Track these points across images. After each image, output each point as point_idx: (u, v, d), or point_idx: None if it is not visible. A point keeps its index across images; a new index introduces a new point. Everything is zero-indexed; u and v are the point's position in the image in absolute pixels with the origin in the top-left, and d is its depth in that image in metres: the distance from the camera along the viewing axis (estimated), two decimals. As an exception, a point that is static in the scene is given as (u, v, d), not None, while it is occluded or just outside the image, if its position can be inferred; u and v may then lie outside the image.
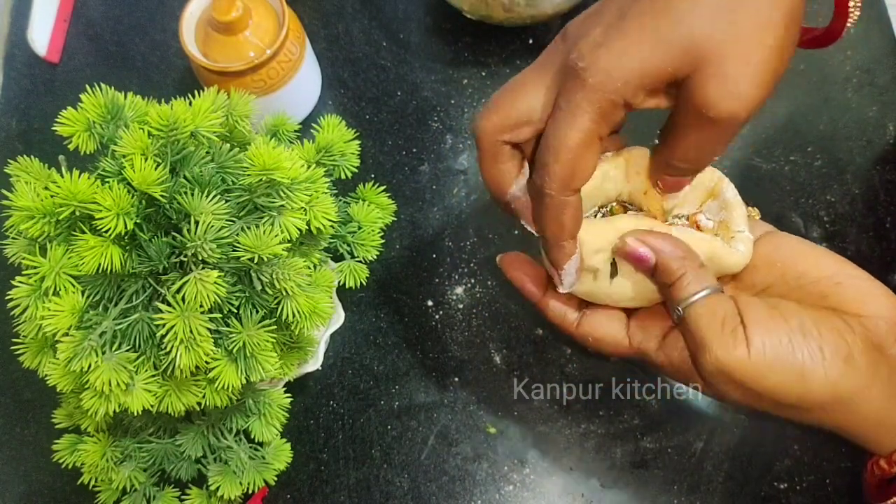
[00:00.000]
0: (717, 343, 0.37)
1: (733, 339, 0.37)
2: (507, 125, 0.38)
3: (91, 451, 0.45)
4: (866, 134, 0.57)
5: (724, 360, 0.36)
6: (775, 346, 0.36)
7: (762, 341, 0.36)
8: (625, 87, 0.34)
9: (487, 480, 0.51)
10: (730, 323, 0.37)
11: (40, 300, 0.37)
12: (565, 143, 0.36)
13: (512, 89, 0.38)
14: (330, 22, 0.65)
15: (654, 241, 0.39)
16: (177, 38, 0.54)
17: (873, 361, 0.37)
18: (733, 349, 0.36)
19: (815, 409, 0.37)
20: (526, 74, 0.38)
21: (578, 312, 0.44)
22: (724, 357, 0.36)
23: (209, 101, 0.39)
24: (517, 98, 0.38)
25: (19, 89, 0.66)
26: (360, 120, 0.61)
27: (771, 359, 0.36)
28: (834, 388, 0.36)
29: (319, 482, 0.52)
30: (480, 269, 0.56)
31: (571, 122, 0.35)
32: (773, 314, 0.37)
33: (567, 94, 0.35)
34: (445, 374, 0.54)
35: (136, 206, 0.37)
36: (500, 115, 0.38)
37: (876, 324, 0.38)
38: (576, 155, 0.36)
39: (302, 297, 0.39)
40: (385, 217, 0.52)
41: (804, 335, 0.37)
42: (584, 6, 0.61)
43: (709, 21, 0.33)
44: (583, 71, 0.34)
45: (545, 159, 0.37)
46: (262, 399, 0.48)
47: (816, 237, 0.54)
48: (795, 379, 0.36)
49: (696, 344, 0.38)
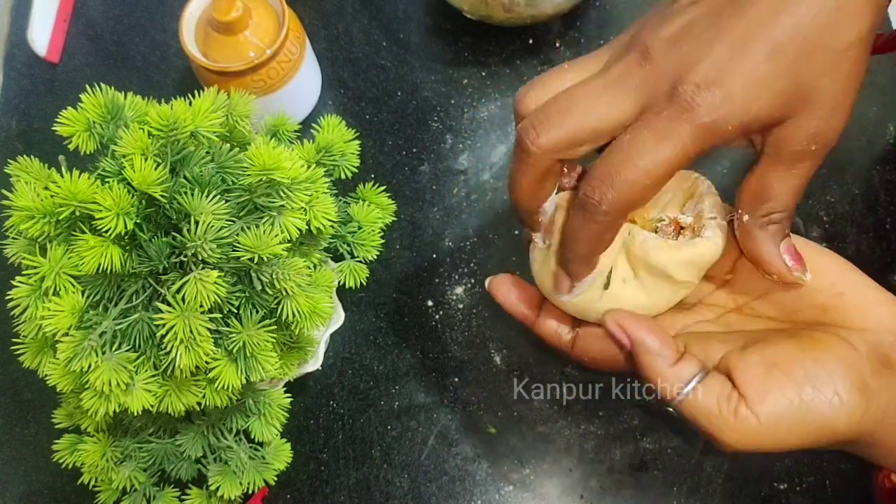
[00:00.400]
0: (724, 430, 0.35)
1: (737, 418, 0.35)
2: (571, 144, 0.35)
3: (91, 451, 0.45)
4: (866, 134, 0.57)
5: (738, 441, 0.35)
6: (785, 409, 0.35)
7: (769, 410, 0.35)
8: (734, 129, 0.33)
9: (487, 480, 0.51)
10: (728, 403, 0.36)
11: (40, 300, 0.37)
12: (649, 172, 0.33)
13: (578, 104, 0.35)
14: (330, 22, 0.65)
15: (631, 327, 0.38)
16: (177, 38, 0.54)
17: (885, 380, 0.36)
18: (742, 427, 0.35)
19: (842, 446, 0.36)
20: (594, 89, 0.35)
21: (572, 331, 0.42)
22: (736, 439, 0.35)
23: (209, 101, 0.39)
24: (587, 116, 0.35)
25: (19, 89, 0.66)
26: (360, 120, 0.61)
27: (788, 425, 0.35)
28: (859, 425, 0.35)
29: (319, 482, 0.52)
30: (480, 269, 0.56)
31: (664, 154, 0.33)
32: (771, 374, 0.36)
33: (666, 124, 0.33)
34: (445, 374, 0.54)
35: (136, 206, 0.37)
36: (566, 134, 0.35)
37: (881, 338, 0.36)
38: (656, 183, 0.34)
39: (302, 297, 0.39)
40: (385, 217, 0.52)
41: (814, 386, 0.35)
42: (584, 6, 0.62)
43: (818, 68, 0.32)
44: (696, 107, 0.32)
45: (612, 180, 0.34)
46: (262, 399, 0.48)
47: (816, 237, 0.54)
48: (821, 433, 0.35)
49: (705, 432, 0.36)
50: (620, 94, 0.35)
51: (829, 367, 0.35)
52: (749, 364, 0.36)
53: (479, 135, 0.60)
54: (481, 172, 0.59)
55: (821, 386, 0.35)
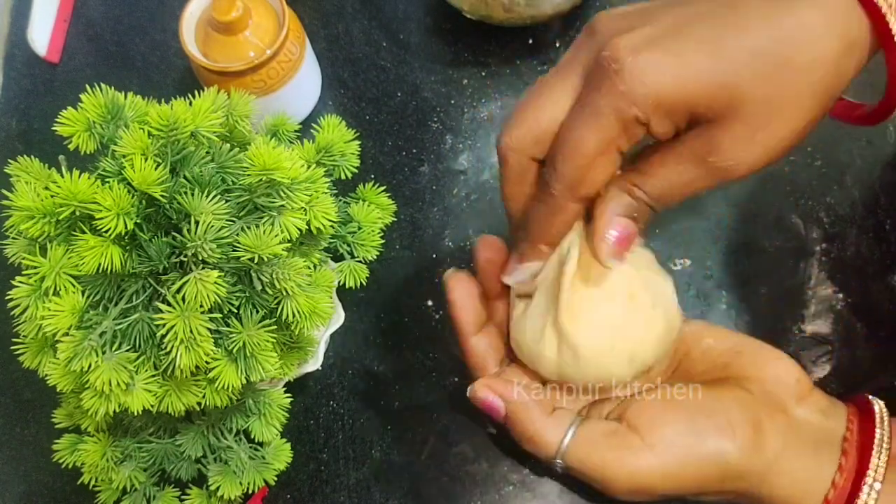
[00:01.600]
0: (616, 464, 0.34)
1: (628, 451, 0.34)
2: (533, 138, 0.34)
3: (91, 451, 0.45)
4: (866, 135, 0.57)
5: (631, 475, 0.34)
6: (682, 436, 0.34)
7: (664, 438, 0.34)
8: (653, 103, 0.31)
9: (487, 480, 0.51)
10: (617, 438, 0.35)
11: (40, 300, 0.37)
12: (581, 147, 0.33)
13: (535, 97, 0.35)
14: (330, 22, 0.65)
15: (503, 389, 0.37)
16: (177, 38, 0.54)
17: (781, 424, 0.35)
18: (635, 460, 0.34)
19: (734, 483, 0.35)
20: (548, 78, 0.35)
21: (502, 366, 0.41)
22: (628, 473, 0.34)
23: (209, 101, 0.39)
24: (542, 105, 0.34)
25: (19, 89, 0.66)
26: (360, 120, 0.61)
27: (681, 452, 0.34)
28: (750, 460, 0.34)
29: (319, 482, 0.52)
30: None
31: (591, 125, 0.32)
32: (666, 407, 0.35)
33: (592, 94, 0.32)
34: (445, 374, 0.54)
35: (136, 206, 0.37)
36: (525, 128, 0.35)
37: (775, 386, 0.36)
38: (590, 161, 0.33)
39: (302, 297, 0.39)
40: (385, 217, 0.52)
41: (707, 415, 0.35)
42: (584, 6, 0.62)
43: (761, 74, 0.30)
44: (615, 73, 0.31)
45: (557, 157, 0.34)
46: (262, 399, 0.48)
47: (816, 238, 0.54)
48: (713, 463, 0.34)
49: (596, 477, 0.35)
50: (568, 76, 0.34)
51: (724, 402, 0.35)
52: (643, 403, 0.36)
53: (479, 135, 0.60)
54: (481, 172, 0.59)
55: (714, 415, 0.35)
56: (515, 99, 0.60)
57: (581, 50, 0.34)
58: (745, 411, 0.35)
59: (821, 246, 0.53)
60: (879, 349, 0.50)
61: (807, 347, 0.51)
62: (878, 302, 0.51)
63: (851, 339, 0.51)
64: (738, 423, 0.35)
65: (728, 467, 0.34)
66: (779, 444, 0.35)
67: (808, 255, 0.53)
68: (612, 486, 0.35)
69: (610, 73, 0.31)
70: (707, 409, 0.35)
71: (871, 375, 0.50)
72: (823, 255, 0.53)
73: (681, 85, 0.31)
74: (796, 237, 0.54)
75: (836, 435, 0.36)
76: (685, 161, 0.33)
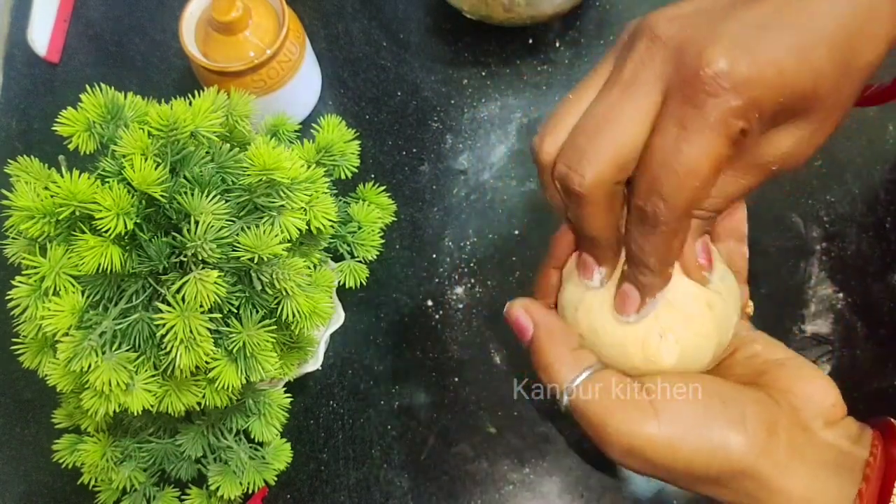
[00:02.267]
0: (618, 418, 0.33)
1: (636, 411, 0.33)
2: (618, 167, 0.32)
3: (91, 451, 0.45)
4: (866, 134, 0.57)
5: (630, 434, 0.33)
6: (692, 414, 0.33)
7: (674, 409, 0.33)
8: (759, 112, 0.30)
9: (487, 480, 0.51)
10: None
11: (40, 300, 0.37)
12: (695, 169, 0.30)
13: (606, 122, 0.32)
14: (330, 22, 0.65)
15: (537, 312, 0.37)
16: (177, 38, 0.54)
17: (797, 439, 0.34)
18: (640, 421, 0.33)
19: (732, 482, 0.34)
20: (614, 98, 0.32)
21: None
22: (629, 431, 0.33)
23: (209, 101, 0.39)
24: (620, 132, 0.32)
25: (19, 89, 0.66)
26: (360, 120, 0.61)
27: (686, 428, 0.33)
28: (755, 458, 0.33)
29: (319, 482, 0.52)
30: (480, 269, 0.56)
31: (702, 144, 0.30)
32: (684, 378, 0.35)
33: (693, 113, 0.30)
34: (445, 374, 0.54)
35: (136, 206, 0.37)
36: (610, 160, 0.32)
37: (805, 403, 0.35)
38: (705, 182, 0.31)
39: (302, 297, 0.39)
40: (385, 217, 0.52)
41: (724, 402, 0.34)
42: (584, 6, 0.62)
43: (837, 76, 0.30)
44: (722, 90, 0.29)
45: (659, 186, 0.31)
46: (262, 399, 0.48)
47: (816, 237, 0.54)
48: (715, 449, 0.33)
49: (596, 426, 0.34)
50: (643, 91, 0.31)
51: (744, 397, 0.34)
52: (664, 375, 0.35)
53: (479, 135, 0.60)
54: (481, 172, 0.59)
55: (732, 404, 0.34)
56: (515, 99, 0.60)
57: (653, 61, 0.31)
58: (763, 412, 0.34)
59: (821, 245, 0.53)
60: (879, 349, 0.50)
61: (807, 347, 0.51)
62: (878, 302, 0.51)
63: (851, 339, 0.51)
64: (751, 419, 0.34)
65: (730, 459, 0.33)
66: (791, 455, 0.34)
67: (809, 254, 0.53)
68: (607, 440, 0.34)
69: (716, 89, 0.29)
70: (725, 396, 0.34)
71: (871, 375, 0.50)
72: (824, 255, 0.53)
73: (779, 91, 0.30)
74: (796, 236, 0.54)
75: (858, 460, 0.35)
76: (742, 169, 0.32)
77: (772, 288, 0.53)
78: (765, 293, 0.52)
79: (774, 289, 0.53)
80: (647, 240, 0.33)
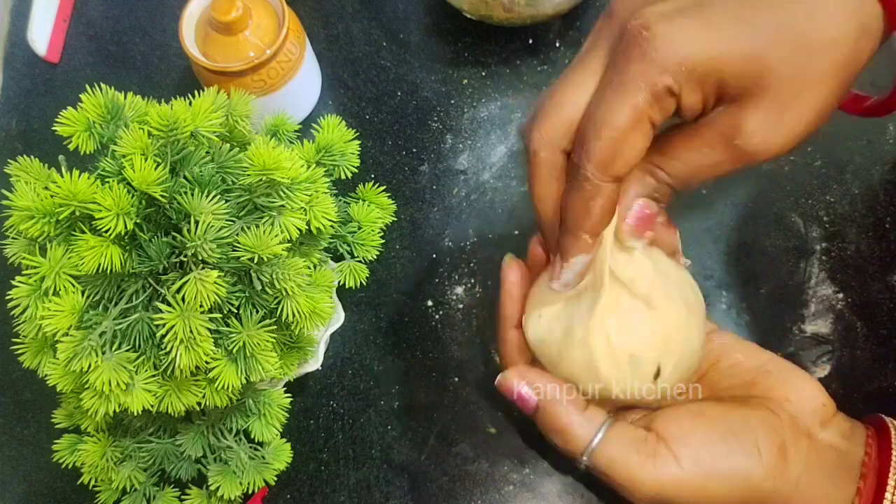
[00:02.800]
0: (642, 470, 0.34)
1: (657, 459, 0.34)
2: (564, 128, 0.33)
3: (91, 451, 0.45)
4: (866, 134, 0.57)
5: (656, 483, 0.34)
6: (710, 452, 0.34)
7: (692, 451, 0.34)
8: (686, 71, 0.30)
9: (487, 480, 0.51)
10: (645, 444, 0.35)
11: (40, 300, 0.37)
12: (612, 121, 0.31)
13: (560, 86, 0.34)
14: (330, 22, 0.65)
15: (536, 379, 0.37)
16: (177, 38, 0.54)
17: (804, 449, 0.36)
18: (663, 468, 0.34)
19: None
20: (572, 66, 0.34)
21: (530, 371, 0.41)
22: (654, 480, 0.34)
23: (209, 101, 0.39)
24: (568, 93, 0.33)
25: (19, 89, 0.66)
26: (360, 120, 0.61)
27: (708, 467, 0.34)
28: (775, 483, 0.34)
29: (319, 482, 0.52)
30: (480, 269, 0.56)
31: (622, 97, 0.31)
32: (696, 421, 0.36)
33: (621, 66, 0.31)
34: (445, 374, 0.54)
35: (136, 206, 0.37)
36: (555, 118, 0.33)
37: (801, 409, 0.37)
38: (622, 134, 0.31)
39: (302, 297, 0.39)
40: (385, 217, 0.52)
41: (735, 434, 0.35)
42: (584, 6, 0.62)
43: (787, 48, 0.30)
44: (645, 41, 0.30)
45: (586, 136, 0.32)
46: (262, 399, 0.48)
47: (816, 237, 0.54)
48: (738, 481, 0.34)
49: (621, 481, 0.35)
50: (591, 60, 0.33)
51: (752, 423, 0.35)
52: (672, 413, 0.37)
53: (479, 135, 0.60)
54: (481, 172, 0.59)
55: (744, 435, 0.35)
56: (515, 99, 0.60)
57: (602, 33, 0.33)
58: (771, 434, 0.35)
59: (821, 245, 0.53)
60: (879, 349, 0.50)
61: (807, 347, 0.51)
62: (878, 302, 0.51)
63: (851, 339, 0.51)
64: (764, 446, 0.35)
65: (752, 489, 0.35)
66: (801, 469, 0.35)
67: (809, 254, 0.53)
68: (635, 492, 0.35)
69: (640, 41, 0.30)
70: (735, 428, 0.35)
71: (871, 375, 0.50)
72: (823, 255, 0.53)
73: (713, 52, 0.30)
74: (796, 236, 0.54)
75: (855, 458, 0.36)
76: (710, 143, 0.32)
77: (772, 288, 0.53)
78: (764, 293, 0.52)
79: (774, 289, 0.53)
80: (570, 196, 0.34)
